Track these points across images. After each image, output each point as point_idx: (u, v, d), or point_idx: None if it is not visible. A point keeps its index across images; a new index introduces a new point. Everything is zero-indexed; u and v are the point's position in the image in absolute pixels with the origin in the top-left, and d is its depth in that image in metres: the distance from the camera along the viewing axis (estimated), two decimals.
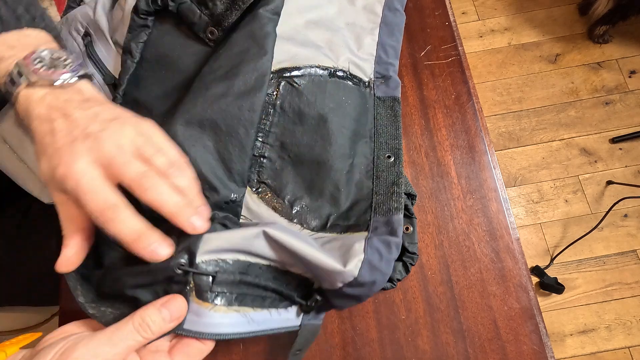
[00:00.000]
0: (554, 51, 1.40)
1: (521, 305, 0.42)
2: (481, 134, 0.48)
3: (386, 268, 0.31)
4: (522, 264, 0.44)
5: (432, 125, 0.49)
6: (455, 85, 0.50)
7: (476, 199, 0.46)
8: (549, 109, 1.34)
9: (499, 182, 0.46)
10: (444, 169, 0.47)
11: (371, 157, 0.42)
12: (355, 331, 0.43)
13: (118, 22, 0.44)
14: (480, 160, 0.47)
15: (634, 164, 1.28)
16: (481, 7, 1.46)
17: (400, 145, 0.41)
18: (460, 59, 0.51)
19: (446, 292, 0.43)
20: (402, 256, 0.42)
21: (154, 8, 0.40)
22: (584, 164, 1.28)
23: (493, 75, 1.39)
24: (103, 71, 0.43)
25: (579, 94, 1.35)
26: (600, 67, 1.37)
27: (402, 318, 0.43)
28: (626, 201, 1.16)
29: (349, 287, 0.30)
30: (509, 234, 0.44)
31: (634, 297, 1.17)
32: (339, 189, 0.39)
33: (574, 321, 1.16)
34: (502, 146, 1.32)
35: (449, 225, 0.45)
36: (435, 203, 0.46)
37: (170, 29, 0.40)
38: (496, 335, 0.42)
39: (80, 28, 0.46)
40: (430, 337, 0.42)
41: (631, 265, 1.19)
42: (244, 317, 0.28)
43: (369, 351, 0.42)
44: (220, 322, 0.27)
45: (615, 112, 1.32)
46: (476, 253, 0.44)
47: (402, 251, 0.42)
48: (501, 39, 1.42)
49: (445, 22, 0.52)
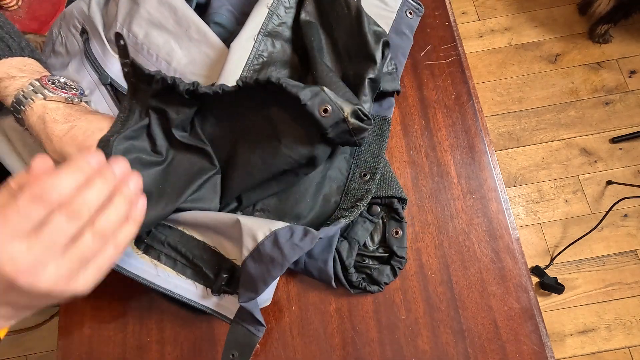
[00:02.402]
0: (554, 51, 1.40)
1: (521, 305, 0.42)
2: (481, 134, 0.48)
3: (289, 251, 0.33)
4: (522, 264, 0.44)
5: (432, 125, 0.48)
6: (455, 85, 0.50)
7: (476, 199, 0.46)
8: (549, 109, 1.34)
9: (499, 182, 0.46)
10: (444, 169, 0.47)
11: (347, 173, 0.43)
12: (355, 331, 0.43)
13: (113, 18, 0.44)
14: (480, 160, 0.47)
15: (634, 164, 1.27)
16: (481, 7, 1.46)
17: (380, 165, 0.43)
18: (460, 59, 0.51)
19: (446, 292, 0.43)
20: (391, 260, 0.42)
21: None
22: (584, 164, 1.28)
23: (493, 75, 1.39)
24: (99, 70, 0.43)
25: (579, 94, 1.35)
26: (600, 67, 1.37)
27: (402, 318, 0.43)
28: (626, 201, 1.16)
29: (251, 260, 0.34)
30: (509, 234, 0.44)
31: (634, 297, 1.17)
32: (305, 199, 0.42)
33: (574, 321, 1.16)
34: (502, 146, 1.32)
35: (449, 225, 0.45)
36: (435, 203, 0.46)
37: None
38: (496, 335, 0.42)
39: (77, 24, 0.45)
40: (430, 337, 0.42)
41: (631, 265, 1.19)
42: (154, 269, 0.38)
43: (369, 351, 0.42)
44: (138, 267, 0.37)
45: (615, 112, 1.32)
46: (476, 253, 0.44)
47: (390, 255, 0.42)
48: (501, 39, 1.42)
49: (445, 22, 0.52)
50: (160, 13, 0.43)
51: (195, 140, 0.38)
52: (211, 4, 0.47)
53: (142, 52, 0.43)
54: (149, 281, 0.37)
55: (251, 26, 0.43)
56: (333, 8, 0.43)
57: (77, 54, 0.45)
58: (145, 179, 0.34)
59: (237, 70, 0.41)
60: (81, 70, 0.44)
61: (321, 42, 0.43)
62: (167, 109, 0.36)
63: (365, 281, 0.42)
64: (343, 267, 0.41)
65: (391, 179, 0.43)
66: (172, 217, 0.38)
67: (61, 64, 0.45)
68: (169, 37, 0.43)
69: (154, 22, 0.43)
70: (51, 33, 0.47)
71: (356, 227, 0.43)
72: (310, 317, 0.43)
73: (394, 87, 0.45)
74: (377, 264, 0.43)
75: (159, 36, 0.43)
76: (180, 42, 0.43)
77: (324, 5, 0.44)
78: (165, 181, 0.37)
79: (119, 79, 0.43)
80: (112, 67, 0.43)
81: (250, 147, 0.38)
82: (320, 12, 0.44)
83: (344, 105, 0.33)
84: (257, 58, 0.42)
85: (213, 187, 0.39)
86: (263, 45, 0.43)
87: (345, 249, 0.42)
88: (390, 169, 0.44)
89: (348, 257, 0.41)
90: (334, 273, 0.41)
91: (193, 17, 0.43)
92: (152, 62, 0.43)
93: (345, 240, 0.42)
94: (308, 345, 0.42)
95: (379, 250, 0.43)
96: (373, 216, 0.43)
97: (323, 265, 0.41)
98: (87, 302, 0.45)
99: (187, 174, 0.38)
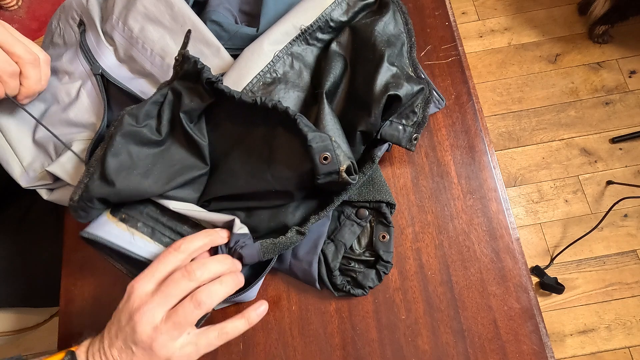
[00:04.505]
0: (554, 51, 1.40)
1: (521, 305, 0.42)
2: (481, 134, 0.48)
3: (248, 249, 0.37)
4: (522, 264, 0.44)
5: (432, 125, 0.48)
6: (455, 85, 0.50)
7: (476, 199, 0.46)
8: (549, 109, 1.34)
9: (499, 182, 0.46)
10: (444, 169, 0.47)
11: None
12: (355, 331, 0.43)
13: (110, 10, 0.44)
14: (480, 160, 0.47)
15: (634, 164, 1.27)
16: (481, 7, 1.46)
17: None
18: (460, 59, 0.51)
19: (446, 292, 0.43)
20: (376, 264, 0.42)
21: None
22: (584, 164, 1.28)
23: (493, 75, 1.39)
24: (91, 61, 0.43)
25: (579, 94, 1.35)
26: (600, 67, 1.37)
27: (402, 318, 0.43)
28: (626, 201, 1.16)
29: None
30: (509, 234, 0.44)
31: (634, 297, 1.17)
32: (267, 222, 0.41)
33: (574, 321, 1.16)
34: (502, 146, 1.32)
35: (449, 225, 0.45)
36: (435, 203, 0.46)
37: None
38: (496, 335, 0.42)
39: (75, 16, 0.46)
40: (430, 337, 0.42)
41: (631, 265, 1.19)
42: (131, 237, 0.37)
43: (369, 351, 0.42)
44: (112, 233, 0.37)
45: (615, 112, 1.32)
46: (476, 253, 0.44)
47: (376, 259, 0.42)
48: (501, 39, 1.42)
49: (445, 22, 0.52)
50: (156, 8, 0.43)
51: (196, 132, 0.39)
52: (209, 2, 0.47)
53: (137, 46, 0.43)
54: (123, 248, 0.36)
55: (276, 37, 0.42)
56: (363, 49, 0.42)
57: (73, 45, 0.45)
58: (137, 153, 0.36)
59: (247, 75, 0.41)
60: (74, 61, 0.44)
61: (341, 78, 0.43)
62: (183, 93, 0.37)
63: (350, 284, 0.42)
64: (328, 270, 0.41)
65: (380, 184, 0.43)
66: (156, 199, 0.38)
67: (57, 55, 0.45)
68: (164, 32, 0.43)
69: (150, 17, 0.43)
70: (51, 25, 0.48)
71: (343, 230, 0.43)
72: (310, 317, 0.43)
73: (395, 141, 0.41)
74: (363, 268, 0.42)
75: (154, 31, 0.43)
76: (176, 38, 0.43)
77: (357, 42, 0.43)
78: (155, 164, 0.37)
79: (111, 70, 0.43)
80: (105, 59, 0.43)
81: (241, 159, 0.39)
82: (353, 47, 0.43)
83: (342, 159, 0.35)
84: (271, 72, 0.42)
85: (198, 186, 0.40)
86: (281, 62, 0.42)
87: (331, 252, 0.42)
88: (380, 174, 0.44)
89: (333, 260, 0.41)
90: (318, 275, 0.41)
91: (189, 14, 0.43)
92: (146, 56, 0.43)
93: (332, 242, 0.42)
94: (308, 345, 0.42)
95: (365, 254, 0.43)
96: (361, 220, 0.43)
97: (307, 267, 0.41)
98: (87, 302, 0.45)
99: (178, 164, 0.38)
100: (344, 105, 0.43)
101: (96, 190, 0.35)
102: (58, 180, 0.42)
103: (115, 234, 0.37)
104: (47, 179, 0.42)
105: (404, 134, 0.41)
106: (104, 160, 0.35)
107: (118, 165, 0.35)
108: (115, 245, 0.36)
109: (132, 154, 0.36)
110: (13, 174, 0.42)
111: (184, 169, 0.38)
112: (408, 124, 0.41)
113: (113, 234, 0.37)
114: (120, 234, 0.37)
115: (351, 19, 0.44)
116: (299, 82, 0.43)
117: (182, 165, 0.39)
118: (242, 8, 0.48)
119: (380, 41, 0.41)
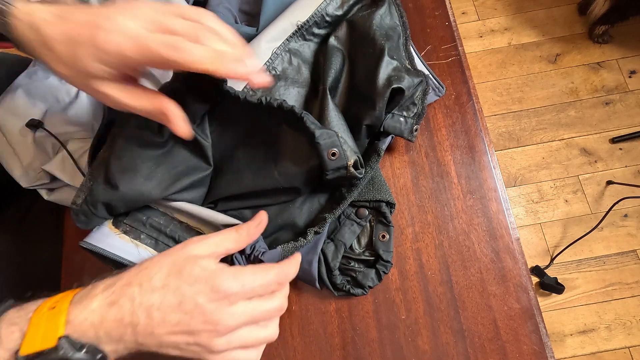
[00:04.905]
0: (554, 51, 1.40)
1: (521, 305, 0.42)
2: (481, 134, 0.48)
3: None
4: (522, 264, 0.44)
5: (432, 125, 0.48)
6: (455, 85, 0.50)
7: (476, 199, 0.46)
8: (549, 109, 1.34)
9: (499, 182, 0.46)
10: (444, 169, 0.47)
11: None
12: (355, 331, 0.43)
13: None
14: (480, 160, 0.47)
15: (634, 164, 1.27)
16: (481, 7, 1.46)
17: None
18: (460, 59, 0.51)
19: (446, 292, 0.43)
20: (376, 263, 0.42)
21: None
22: (584, 164, 1.28)
23: (493, 75, 1.39)
24: None
25: (579, 94, 1.35)
26: (600, 67, 1.37)
27: (402, 318, 0.43)
28: (626, 201, 1.16)
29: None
30: (509, 234, 0.44)
31: (634, 297, 1.17)
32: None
33: (574, 321, 1.16)
34: (502, 146, 1.32)
35: (449, 225, 0.45)
36: (435, 203, 0.46)
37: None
38: (496, 335, 0.42)
39: None
40: (430, 337, 0.42)
41: (631, 265, 1.19)
42: (136, 249, 0.37)
43: (369, 351, 0.42)
44: (118, 246, 0.37)
45: (615, 112, 1.32)
46: (476, 253, 0.44)
47: (376, 259, 0.42)
48: (501, 39, 1.42)
49: (445, 22, 0.52)
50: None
51: (199, 133, 0.39)
52: (209, 1, 0.47)
53: None
54: (128, 261, 0.36)
55: (273, 34, 0.42)
56: (361, 43, 0.42)
57: None
58: (139, 155, 0.36)
59: None
60: None
61: (341, 73, 0.43)
62: (186, 94, 0.37)
63: (350, 284, 0.42)
64: (328, 269, 0.41)
65: (380, 183, 0.43)
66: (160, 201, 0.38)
67: None
68: None
69: None
70: None
71: (343, 229, 0.43)
72: (310, 317, 0.43)
73: (398, 133, 0.42)
74: (363, 267, 0.42)
75: None
76: None
77: (356, 35, 0.43)
78: (158, 166, 0.37)
79: None
80: None
81: (246, 158, 0.39)
82: (351, 41, 0.43)
83: (349, 154, 0.35)
84: (270, 70, 0.42)
85: (202, 188, 0.40)
86: (280, 59, 0.43)
87: (331, 251, 0.42)
88: (380, 174, 0.44)
89: (333, 259, 0.41)
90: (318, 275, 0.41)
91: None
92: None
93: (331, 242, 0.42)
94: (308, 345, 0.42)
95: (365, 253, 0.43)
96: (361, 219, 0.43)
97: (307, 266, 0.41)
98: None
99: (181, 166, 0.38)
100: (346, 100, 0.43)
101: (101, 194, 0.35)
102: (56, 179, 0.42)
103: (118, 246, 0.37)
104: (46, 179, 0.42)
105: (405, 125, 0.42)
106: (108, 164, 0.35)
107: (121, 168, 0.35)
108: (121, 259, 0.36)
109: (135, 156, 0.36)
110: (14, 174, 0.42)
111: (187, 170, 0.38)
112: (409, 115, 0.42)
113: (120, 248, 0.37)
114: (124, 246, 0.37)
115: (346, 12, 0.44)
116: (299, 78, 0.43)
117: (186, 166, 0.38)
118: (241, 7, 0.48)
119: (380, 35, 0.41)
